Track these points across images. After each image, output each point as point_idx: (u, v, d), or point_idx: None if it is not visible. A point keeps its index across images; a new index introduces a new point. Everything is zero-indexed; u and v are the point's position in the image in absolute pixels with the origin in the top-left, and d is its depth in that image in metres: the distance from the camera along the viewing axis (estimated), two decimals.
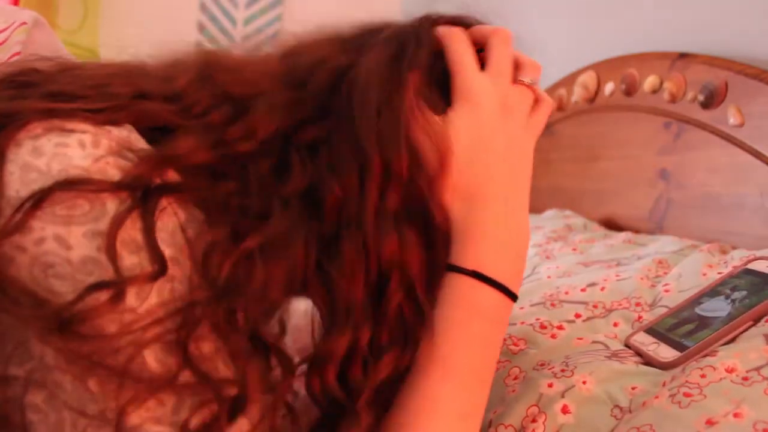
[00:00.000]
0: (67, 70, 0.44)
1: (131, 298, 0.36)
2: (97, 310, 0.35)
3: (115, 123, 0.40)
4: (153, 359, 0.36)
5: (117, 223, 0.36)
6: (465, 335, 0.44)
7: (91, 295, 0.35)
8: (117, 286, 0.36)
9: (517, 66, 0.51)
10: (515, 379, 0.61)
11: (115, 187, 0.37)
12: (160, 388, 0.37)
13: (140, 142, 0.40)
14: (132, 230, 0.37)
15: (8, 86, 0.41)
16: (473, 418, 0.45)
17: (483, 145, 0.46)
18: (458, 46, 0.48)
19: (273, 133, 0.43)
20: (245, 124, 0.43)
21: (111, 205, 0.37)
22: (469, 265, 0.45)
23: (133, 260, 0.36)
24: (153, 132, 0.42)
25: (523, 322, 0.69)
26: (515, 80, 0.49)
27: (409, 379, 0.44)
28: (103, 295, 0.35)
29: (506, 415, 0.57)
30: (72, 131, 0.38)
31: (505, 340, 0.66)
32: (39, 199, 0.35)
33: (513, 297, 0.47)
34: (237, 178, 0.42)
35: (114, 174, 0.37)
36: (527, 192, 0.49)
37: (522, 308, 0.73)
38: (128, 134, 0.40)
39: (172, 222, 0.38)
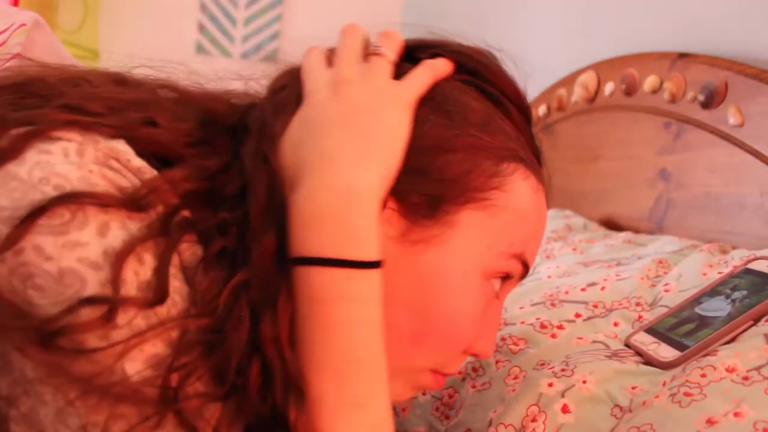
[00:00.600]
0: (73, 82, 0.44)
1: (120, 316, 0.35)
2: (86, 325, 0.34)
3: (119, 136, 0.40)
4: (135, 375, 0.36)
5: (133, 243, 0.36)
6: (317, 325, 0.41)
7: (84, 309, 0.35)
8: (111, 303, 0.35)
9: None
10: (515, 378, 0.61)
11: (121, 204, 0.37)
12: (142, 403, 0.36)
13: (130, 155, 0.40)
14: (142, 252, 0.37)
15: (21, 95, 0.41)
16: (373, 404, 0.42)
17: (309, 127, 0.45)
18: (307, 60, 0.49)
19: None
20: (231, 175, 0.44)
21: (95, 217, 0.36)
22: (290, 253, 0.42)
23: (130, 276, 0.36)
24: (155, 159, 0.42)
25: (523, 322, 0.69)
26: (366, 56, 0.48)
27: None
28: (96, 311, 0.35)
29: (506, 414, 0.57)
30: (58, 139, 0.38)
31: (505, 339, 0.66)
32: (38, 212, 0.35)
33: (358, 264, 0.42)
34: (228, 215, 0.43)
35: (98, 183, 0.37)
36: (375, 151, 0.44)
37: (522, 308, 0.73)
38: (117, 146, 0.40)
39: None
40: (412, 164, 0.46)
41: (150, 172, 0.40)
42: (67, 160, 0.37)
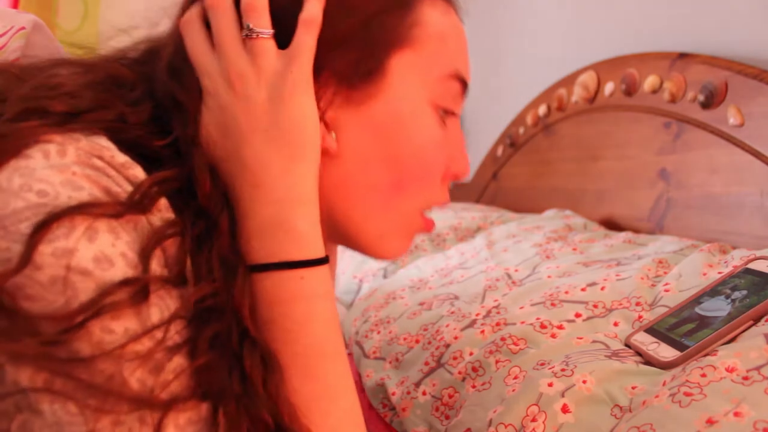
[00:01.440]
0: (15, 78, 0.43)
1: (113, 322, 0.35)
2: (117, 306, 0.34)
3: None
4: (134, 379, 0.35)
5: (158, 239, 0.38)
6: (279, 327, 0.43)
7: (115, 294, 0.34)
8: (141, 283, 0.36)
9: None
10: (515, 378, 0.61)
11: (115, 210, 0.37)
12: (142, 407, 0.36)
13: (113, 150, 0.39)
14: (157, 252, 0.38)
15: None
16: (342, 394, 0.44)
17: (223, 132, 0.44)
18: (190, 42, 0.46)
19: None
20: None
21: (82, 223, 0.35)
22: (243, 262, 0.44)
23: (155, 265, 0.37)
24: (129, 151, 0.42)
25: (523, 322, 0.69)
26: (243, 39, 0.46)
27: None
28: (127, 292, 0.35)
29: (506, 414, 0.57)
30: (36, 141, 0.37)
31: (505, 339, 0.66)
32: (42, 227, 0.34)
33: (308, 263, 0.44)
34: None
35: (83, 186, 0.36)
36: (297, 150, 0.45)
37: (522, 308, 0.73)
38: (100, 142, 0.39)
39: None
40: (331, 43, 0.47)
41: (133, 167, 0.40)
42: (48, 163, 0.36)
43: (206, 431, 0.38)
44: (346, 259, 1.18)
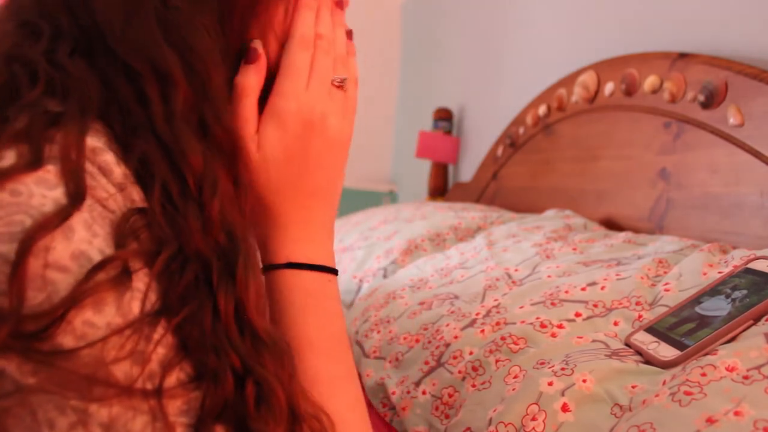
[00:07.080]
0: None
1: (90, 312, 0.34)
2: (99, 287, 0.34)
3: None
4: (119, 371, 0.35)
5: (132, 232, 0.37)
6: (311, 313, 0.50)
7: (94, 278, 0.34)
8: (120, 262, 0.35)
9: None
10: (515, 377, 0.61)
11: (74, 204, 0.35)
12: (129, 398, 0.35)
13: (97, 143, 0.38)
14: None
15: None
16: (354, 379, 0.51)
17: (293, 160, 0.50)
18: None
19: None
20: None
21: (56, 222, 0.34)
22: (282, 259, 0.51)
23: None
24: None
25: (523, 321, 0.69)
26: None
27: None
28: (106, 274, 0.34)
29: (506, 413, 0.57)
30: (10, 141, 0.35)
31: (505, 338, 0.66)
32: (27, 247, 0.33)
33: (333, 271, 0.53)
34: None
35: (56, 184, 0.35)
36: (341, 178, 0.54)
37: (522, 307, 0.73)
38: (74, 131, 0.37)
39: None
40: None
41: (102, 153, 0.38)
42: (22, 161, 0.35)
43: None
44: (346, 260, 1.18)
